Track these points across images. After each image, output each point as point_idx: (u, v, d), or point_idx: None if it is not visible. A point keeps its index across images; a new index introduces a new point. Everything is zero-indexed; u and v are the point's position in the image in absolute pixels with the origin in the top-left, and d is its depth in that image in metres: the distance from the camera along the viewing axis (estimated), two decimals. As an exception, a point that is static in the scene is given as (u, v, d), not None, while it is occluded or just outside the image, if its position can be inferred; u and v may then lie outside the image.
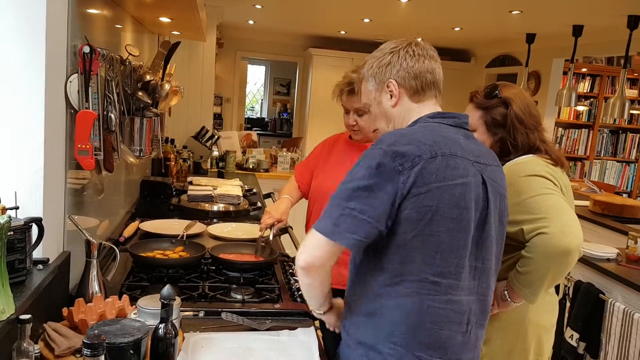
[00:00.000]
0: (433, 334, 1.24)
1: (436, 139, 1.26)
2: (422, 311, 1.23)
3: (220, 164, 4.75)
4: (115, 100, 1.69)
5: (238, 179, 3.82)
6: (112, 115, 1.66)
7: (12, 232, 1.24)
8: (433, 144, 1.24)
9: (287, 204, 2.28)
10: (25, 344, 1.09)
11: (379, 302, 1.27)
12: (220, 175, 4.40)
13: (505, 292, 1.60)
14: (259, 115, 10.41)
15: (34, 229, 1.33)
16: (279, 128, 9.83)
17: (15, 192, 1.34)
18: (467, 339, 1.30)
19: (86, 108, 1.53)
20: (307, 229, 2.43)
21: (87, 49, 1.52)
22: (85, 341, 0.92)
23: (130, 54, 2.04)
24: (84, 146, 1.52)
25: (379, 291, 1.27)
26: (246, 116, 9.41)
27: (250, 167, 4.94)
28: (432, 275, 1.22)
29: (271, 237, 2.20)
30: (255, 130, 8.74)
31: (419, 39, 1.41)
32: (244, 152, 5.20)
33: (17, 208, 1.33)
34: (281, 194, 2.34)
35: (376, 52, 1.43)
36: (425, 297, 1.23)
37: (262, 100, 10.52)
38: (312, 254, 1.24)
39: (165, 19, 2.64)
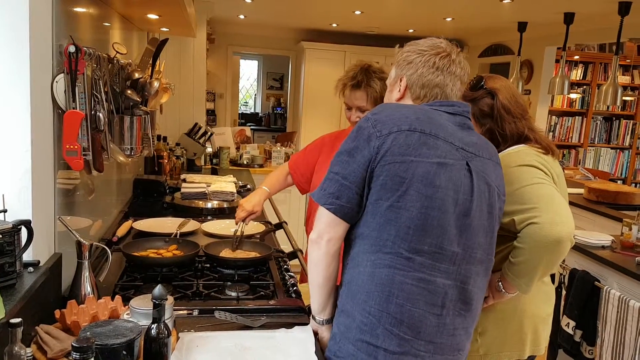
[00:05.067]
0: (405, 310, 1.27)
1: (421, 117, 1.30)
2: (394, 285, 1.26)
3: (214, 161, 4.73)
4: (104, 99, 1.67)
5: (232, 175, 3.81)
6: (101, 115, 1.64)
7: (0, 236, 1.23)
8: (415, 120, 1.28)
9: (261, 196, 2.27)
10: (16, 348, 1.08)
11: (357, 269, 1.31)
12: (214, 172, 4.37)
13: (500, 283, 1.60)
14: (252, 111, 10.39)
15: (24, 232, 1.32)
16: (273, 123, 9.82)
17: (3, 195, 1.33)
18: (442, 323, 1.30)
19: (73, 108, 1.52)
20: (307, 225, 2.41)
21: (72, 49, 1.50)
22: (74, 344, 0.91)
23: (117, 52, 2.01)
24: (72, 146, 1.50)
25: (357, 259, 1.31)
26: (240, 111, 9.38)
27: (245, 162, 4.92)
28: (406, 250, 1.26)
29: (244, 230, 2.19)
30: (250, 126, 8.71)
31: (456, 52, 1.41)
32: (237, 148, 5.17)
33: (5, 211, 1.32)
34: (261, 184, 2.33)
35: (413, 46, 1.44)
36: (398, 271, 1.26)
37: (255, 95, 10.48)
38: (321, 226, 1.31)
39: (153, 16, 2.62)
